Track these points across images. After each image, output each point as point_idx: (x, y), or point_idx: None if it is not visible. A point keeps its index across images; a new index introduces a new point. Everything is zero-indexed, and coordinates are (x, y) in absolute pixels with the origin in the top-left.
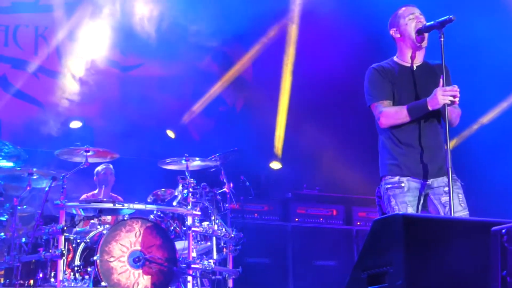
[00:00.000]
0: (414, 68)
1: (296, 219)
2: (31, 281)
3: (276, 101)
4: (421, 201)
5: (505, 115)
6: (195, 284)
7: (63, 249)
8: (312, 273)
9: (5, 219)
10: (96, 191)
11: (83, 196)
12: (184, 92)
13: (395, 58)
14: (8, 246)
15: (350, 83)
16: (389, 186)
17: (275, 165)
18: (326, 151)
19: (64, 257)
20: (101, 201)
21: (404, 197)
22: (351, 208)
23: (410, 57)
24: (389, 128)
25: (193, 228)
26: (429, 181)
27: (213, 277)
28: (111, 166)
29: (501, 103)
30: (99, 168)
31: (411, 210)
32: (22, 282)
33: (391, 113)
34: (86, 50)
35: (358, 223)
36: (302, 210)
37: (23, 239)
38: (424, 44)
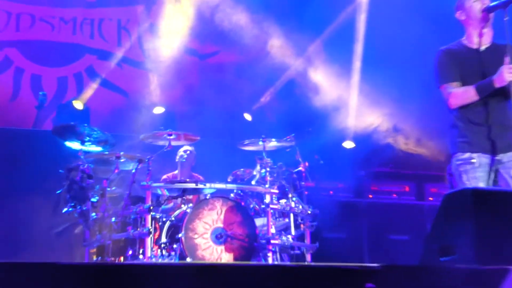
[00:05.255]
0: (482, 49)
1: (370, 196)
2: (121, 258)
3: (348, 82)
4: (492, 177)
5: None
6: (275, 259)
7: (150, 227)
8: (386, 247)
9: (96, 200)
10: (176, 172)
11: (164, 177)
12: (260, 76)
13: (463, 40)
14: (100, 225)
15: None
16: (460, 162)
17: (348, 144)
18: (385, 120)
19: (151, 235)
20: (185, 182)
21: (475, 173)
22: (423, 185)
23: (476, 39)
24: (458, 108)
25: (271, 206)
26: (499, 157)
27: (292, 252)
28: (192, 148)
29: None
30: (181, 150)
31: (482, 185)
32: (113, 258)
33: (459, 94)
34: (166, 40)
35: (430, 199)
36: (375, 187)
37: (113, 219)
38: (489, 24)
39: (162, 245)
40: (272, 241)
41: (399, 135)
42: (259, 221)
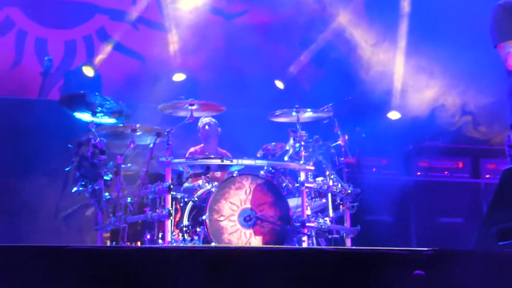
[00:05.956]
0: None
1: (418, 173)
2: (138, 243)
3: (394, 44)
4: None
5: None
6: (311, 244)
7: (171, 208)
8: (437, 231)
9: (109, 178)
10: (203, 145)
11: (191, 149)
12: (293, 39)
13: None
14: (114, 206)
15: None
16: None
17: (394, 114)
18: (449, 97)
19: (171, 217)
20: (208, 157)
21: None
22: (478, 160)
23: None
24: None
25: (306, 184)
26: None
27: (330, 236)
28: (213, 119)
29: None
30: (200, 123)
31: None
32: (129, 243)
33: None
34: None
35: (487, 176)
36: (425, 163)
37: (129, 199)
38: None
39: (184, 229)
40: (307, 224)
41: (468, 119)
42: (292, 202)
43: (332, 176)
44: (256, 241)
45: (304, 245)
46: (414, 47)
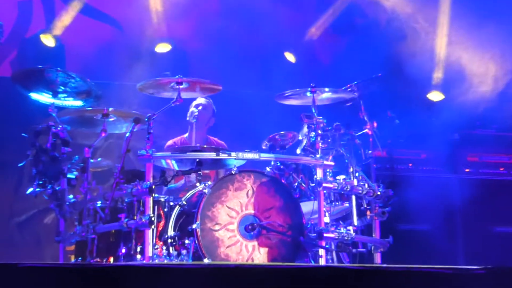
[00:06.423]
0: None
1: (467, 170)
2: (111, 259)
3: (435, 8)
4: None
5: None
6: (330, 260)
7: (152, 215)
8: (491, 243)
9: (74, 176)
10: (186, 135)
11: (169, 142)
12: (308, 1)
13: None
14: (80, 212)
15: None
16: None
17: (435, 95)
18: (504, 73)
19: (153, 226)
20: (201, 149)
21: None
22: None
23: None
24: None
25: (324, 184)
26: None
27: (354, 250)
28: (207, 101)
29: None
30: (192, 104)
31: None
32: (99, 259)
33: None
34: None
35: None
36: (475, 157)
37: (99, 203)
38: None
39: (169, 241)
40: (325, 235)
41: None
42: (306, 207)
43: (357, 174)
44: (261, 257)
45: (322, 261)
46: (466, 15)
